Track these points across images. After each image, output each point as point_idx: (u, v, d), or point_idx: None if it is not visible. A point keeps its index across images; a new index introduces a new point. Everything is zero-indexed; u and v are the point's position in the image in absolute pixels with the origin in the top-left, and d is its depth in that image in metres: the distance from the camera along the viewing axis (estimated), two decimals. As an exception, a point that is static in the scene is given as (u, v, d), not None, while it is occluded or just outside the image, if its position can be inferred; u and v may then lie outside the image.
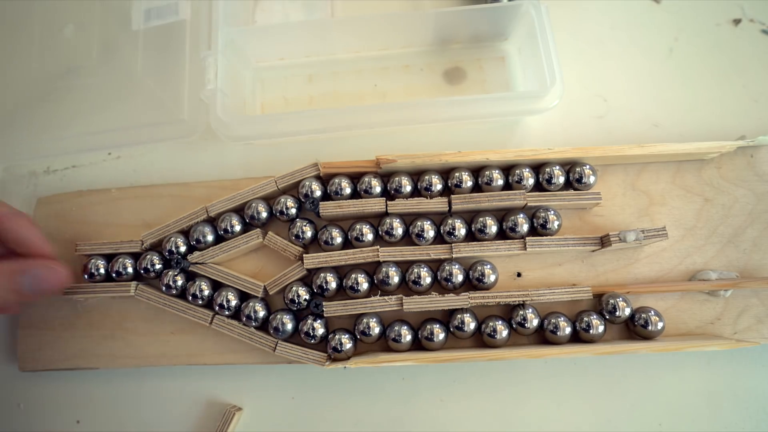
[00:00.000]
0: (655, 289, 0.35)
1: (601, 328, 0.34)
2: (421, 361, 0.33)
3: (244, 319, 0.35)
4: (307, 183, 0.36)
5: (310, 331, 0.35)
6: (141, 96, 0.41)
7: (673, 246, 0.37)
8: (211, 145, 0.42)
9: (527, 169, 0.36)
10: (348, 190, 0.36)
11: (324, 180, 0.37)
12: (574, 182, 0.36)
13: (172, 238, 0.36)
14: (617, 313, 0.34)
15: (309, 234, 0.36)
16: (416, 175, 0.37)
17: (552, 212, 0.35)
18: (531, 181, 0.36)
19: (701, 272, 0.36)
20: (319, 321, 0.35)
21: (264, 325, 0.36)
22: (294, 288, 0.35)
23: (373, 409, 0.37)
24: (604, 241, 0.35)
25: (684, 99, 0.41)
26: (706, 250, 0.37)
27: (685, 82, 0.42)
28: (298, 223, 0.36)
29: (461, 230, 0.35)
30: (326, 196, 0.37)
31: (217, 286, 0.37)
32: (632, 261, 0.37)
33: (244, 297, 0.37)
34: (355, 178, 0.37)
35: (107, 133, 0.40)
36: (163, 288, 0.36)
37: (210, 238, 0.37)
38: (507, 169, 0.37)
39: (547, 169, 0.36)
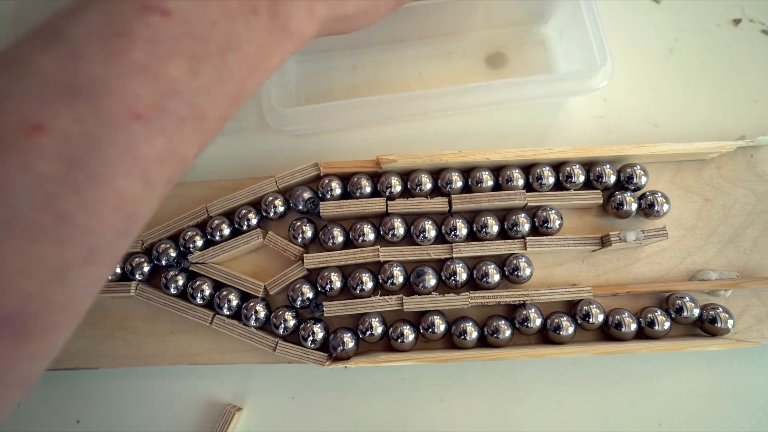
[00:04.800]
0: (656, 288, 0.35)
1: (667, 325, 0.34)
2: (421, 361, 0.33)
3: (244, 319, 0.35)
4: (298, 192, 0.36)
5: (310, 335, 0.35)
6: None
7: (673, 246, 0.37)
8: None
9: (547, 168, 0.36)
10: (338, 191, 0.36)
11: (315, 183, 0.37)
12: (593, 181, 0.36)
13: (162, 245, 0.36)
14: (684, 314, 0.34)
15: (309, 234, 0.36)
16: (406, 174, 0.37)
17: (553, 211, 0.35)
18: (551, 180, 0.36)
19: (701, 272, 0.36)
20: (318, 325, 0.35)
21: (264, 325, 0.36)
22: (297, 286, 0.35)
23: (373, 409, 0.37)
24: (604, 241, 0.35)
25: (684, 99, 0.41)
26: (706, 250, 0.37)
27: (685, 82, 0.42)
28: (298, 223, 0.36)
29: (462, 230, 0.35)
30: (318, 198, 0.37)
31: (218, 286, 0.37)
32: (632, 261, 0.37)
33: (245, 297, 0.37)
34: (345, 178, 0.37)
35: None
36: (163, 287, 0.36)
37: (199, 243, 0.36)
38: (497, 170, 0.37)
39: (567, 168, 0.36)
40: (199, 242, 0.36)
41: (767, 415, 0.35)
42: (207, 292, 0.36)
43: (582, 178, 0.36)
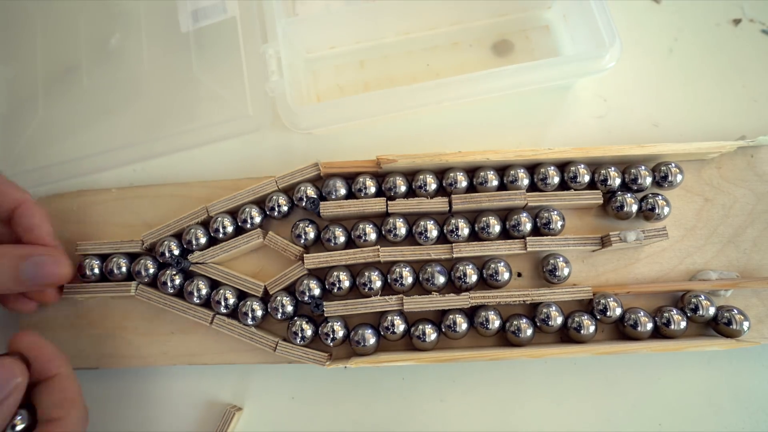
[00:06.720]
0: (656, 288, 0.35)
1: (683, 324, 0.34)
2: (421, 361, 0.33)
3: (241, 316, 0.35)
4: (302, 188, 0.36)
5: (299, 332, 0.35)
6: (200, 97, 0.41)
7: (673, 246, 0.37)
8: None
9: (552, 168, 0.36)
10: (343, 191, 0.36)
11: (320, 181, 0.37)
12: (598, 183, 0.36)
13: (165, 242, 0.36)
14: (700, 312, 0.34)
15: (311, 235, 0.36)
16: (411, 175, 0.37)
17: (555, 212, 0.35)
18: (556, 180, 0.36)
19: (701, 272, 0.36)
20: (307, 322, 0.35)
21: (261, 324, 0.36)
22: (305, 281, 0.35)
23: (373, 409, 0.37)
24: (604, 241, 0.35)
25: (684, 99, 0.41)
26: (706, 250, 0.37)
27: (685, 82, 0.42)
28: (300, 224, 0.36)
29: (464, 230, 0.35)
30: (321, 198, 0.37)
31: (215, 284, 0.37)
32: (632, 261, 0.37)
33: (242, 295, 0.37)
34: (349, 178, 0.37)
35: (174, 136, 0.40)
36: (163, 287, 0.36)
37: (203, 240, 0.36)
38: (502, 170, 0.37)
39: (572, 168, 0.36)
40: (202, 240, 0.36)
41: (767, 415, 0.35)
42: (203, 291, 0.36)
43: (587, 179, 0.36)
